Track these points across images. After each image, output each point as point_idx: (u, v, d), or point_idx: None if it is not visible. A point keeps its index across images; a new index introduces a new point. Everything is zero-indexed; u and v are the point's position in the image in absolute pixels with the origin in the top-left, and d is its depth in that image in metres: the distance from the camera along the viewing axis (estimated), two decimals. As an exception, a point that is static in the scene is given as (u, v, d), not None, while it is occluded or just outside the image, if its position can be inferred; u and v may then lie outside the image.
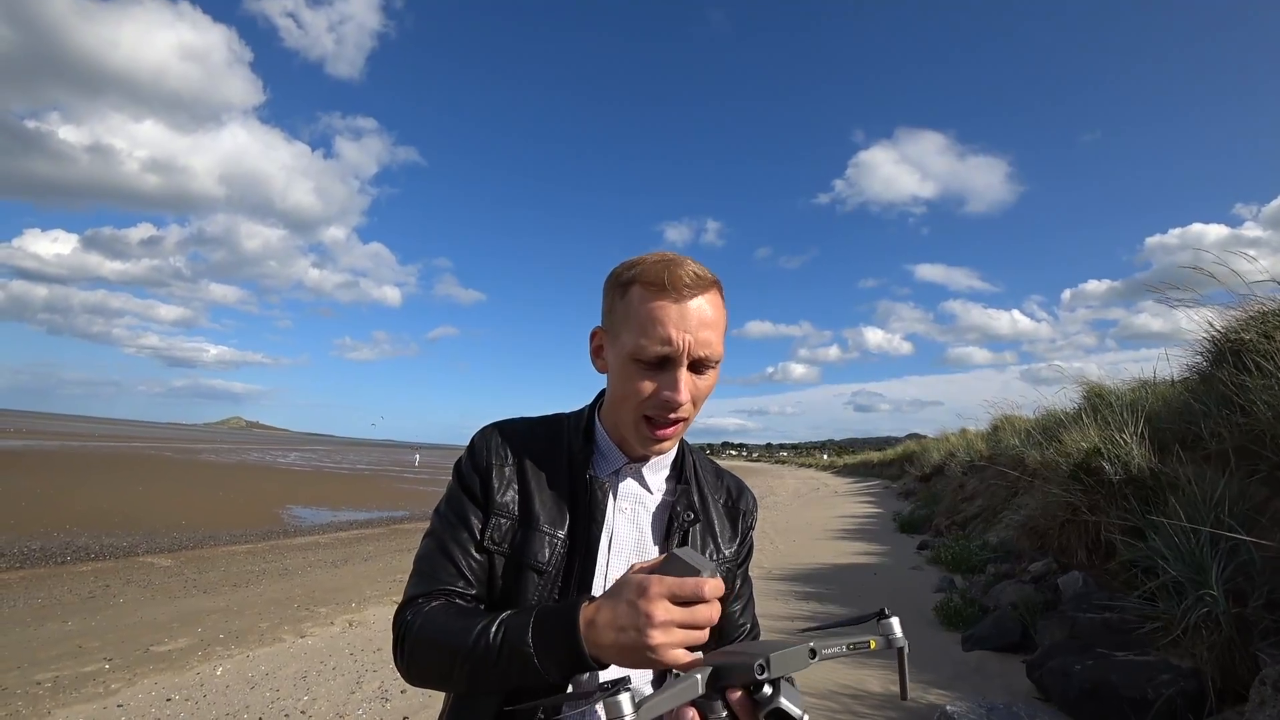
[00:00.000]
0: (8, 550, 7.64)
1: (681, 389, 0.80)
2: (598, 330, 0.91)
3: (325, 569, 7.70)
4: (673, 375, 0.80)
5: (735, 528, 1.00)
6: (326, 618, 5.38)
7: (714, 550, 0.95)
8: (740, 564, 1.01)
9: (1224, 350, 4.27)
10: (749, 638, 1.01)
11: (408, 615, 0.80)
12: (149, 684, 3.77)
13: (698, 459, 1.02)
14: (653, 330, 0.79)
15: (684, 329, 0.79)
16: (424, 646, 0.77)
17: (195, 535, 9.66)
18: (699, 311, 0.80)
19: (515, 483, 0.89)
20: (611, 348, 0.87)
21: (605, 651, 0.66)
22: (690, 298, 0.80)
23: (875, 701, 3.34)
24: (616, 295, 0.85)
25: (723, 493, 1.02)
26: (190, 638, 4.72)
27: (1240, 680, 2.56)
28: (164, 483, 17.05)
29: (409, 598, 0.84)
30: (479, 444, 0.92)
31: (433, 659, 0.76)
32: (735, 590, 0.99)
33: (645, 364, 0.81)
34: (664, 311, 0.79)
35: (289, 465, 29.78)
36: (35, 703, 3.45)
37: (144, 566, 7.40)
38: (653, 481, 0.93)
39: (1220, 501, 3.13)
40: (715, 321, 0.82)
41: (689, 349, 0.79)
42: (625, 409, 0.85)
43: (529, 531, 0.86)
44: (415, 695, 3.65)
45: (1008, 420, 10.10)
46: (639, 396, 0.82)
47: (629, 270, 0.84)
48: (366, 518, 13.46)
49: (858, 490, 23.34)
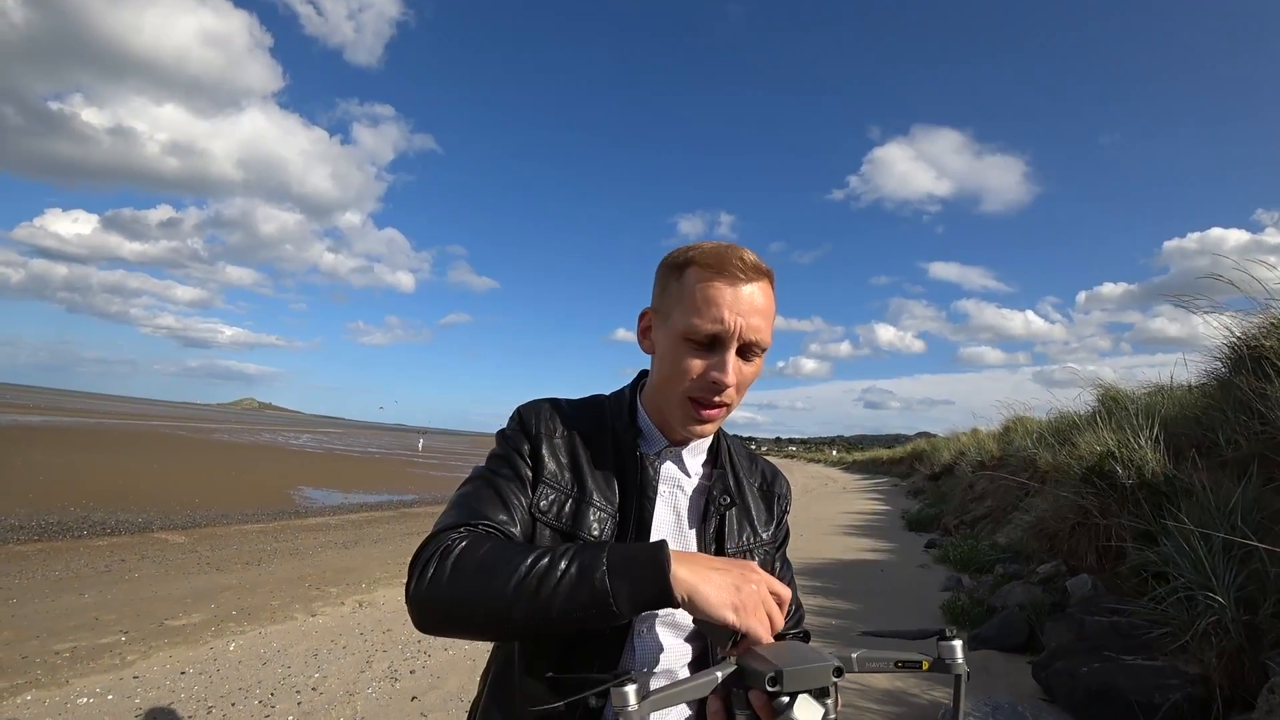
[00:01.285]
0: (26, 523, 7.79)
1: (729, 370, 0.81)
2: (647, 311, 0.92)
3: (336, 550, 7.79)
4: (722, 357, 0.82)
5: (771, 511, 1.02)
6: (337, 598, 5.46)
7: (750, 534, 0.96)
8: (779, 547, 1.03)
9: (1244, 357, 4.22)
10: (793, 620, 1.01)
11: (449, 538, 0.74)
12: (164, 657, 3.85)
13: (732, 445, 1.03)
14: (707, 310, 0.81)
15: (737, 311, 0.80)
16: (467, 566, 0.70)
17: (209, 514, 9.81)
18: (751, 297, 0.82)
19: (566, 455, 0.90)
20: (662, 328, 0.88)
21: (696, 574, 0.68)
22: (745, 283, 0.82)
23: (879, 696, 3.36)
24: (671, 276, 0.87)
25: (757, 476, 1.04)
26: (204, 613, 4.81)
27: (1248, 688, 2.55)
28: (178, 461, 17.30)
29: (445, 525, 0.77)
30: (527, 413, 0.92)
31: (475, 580, 0.69)
32: (776, 573, 1.00)
33: (696, 343, 0.82)
34: (719, 293, 0.81)
35: (301, 447, 30.11)
36: (54, 672, 3.54)
37: (158, 543, 7.53)
38: (690, 465, 0.94)
39: (1235, 508, 3.10)
40: (766, 310, 0.84)
41: (740, 331, 0.81)
42: (672, 389, 0.85)
43: (582, 505, 0.86)
44: (424, 675, 3.70)
45: (1020, 421, 10.03)
46: (688, 376, 0.83)
47: (686, 253, 0.86)
48: (377, 500, 13.60)
49: (866, 487, 23.30)
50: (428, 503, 13.76)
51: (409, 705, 3.32)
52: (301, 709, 3.22)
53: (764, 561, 0.96)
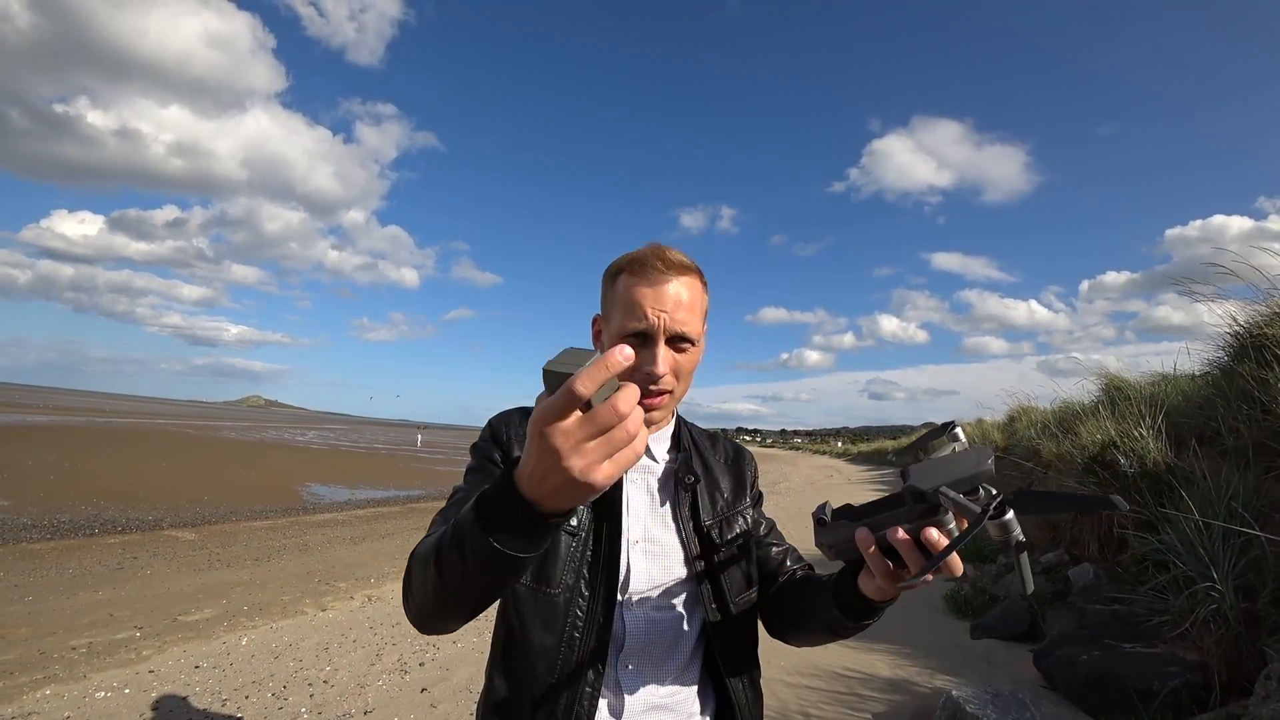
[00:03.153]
0: (39, 522, 7.89)
1: (659, 362, 0.90)
2: (597, 317, 1.03)
3: (344, 545, 7.87)
4: (651, 351, 0.91)
5: (740, 479, 1.10)
6: (346, 592, 5.52)
7: (724, 503, 1.04)
8: (756, 506, 1.11)
9: (1246, 345, 4.22)
10: (793, 560, 1.10)
11: (411, 561, 0.79)
12: (178, 651, 3.92)
13: (694, 430, 1.12)
14: (632, 311, 0.91)
15: (660, 308, 0.90)
16: (413, 565, 0.76)
17: (218, 510, 9.90)
18: (675, 294, 0.91)
19: None
20: (606, 331, 0.98)
21: (550, 499, 0.55)
22: (666, 281, 0.91)
23: (881, 684, 3.40)
24: (608, 284, 0.98)
25: (721, 453, 1.13)
26: (216, 609, 4.88)
27: (1246, 675, 2.58)
28: (186, 459, 17.43)
29: (414, 550, 0.82)
30: (497, 424, 1.00)
31: (417, 578, 0.73)
32: (762, 529, 1.10)
33: (630, 342, 0.87)
34: (642, 294, 0.91)
35: (307, 443, 30.27)
36: (72, 667, 3.61)
37: (169, 540, 7.61)
38: (657, 452, 1.03)
39: (1234, 496, 3.13)
40: (691, 304, 0.93)
41: (665, 325, 0.90)
42: None
43: None
44: (433, 667, 3.76)
45: (1024, 411, 10.02)
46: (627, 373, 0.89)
47: (619, 262, 0.97)
48: (383, 496, 13.68)
49: (872, 478, 23.31)
50: (433, 498, 13.84)
51: (419, 696, 3.38)
52: (313, 701, 3.28)
53: (745, 521, 1.05)
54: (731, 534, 1.01)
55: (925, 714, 2.98)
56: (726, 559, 0.99)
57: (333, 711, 3.18)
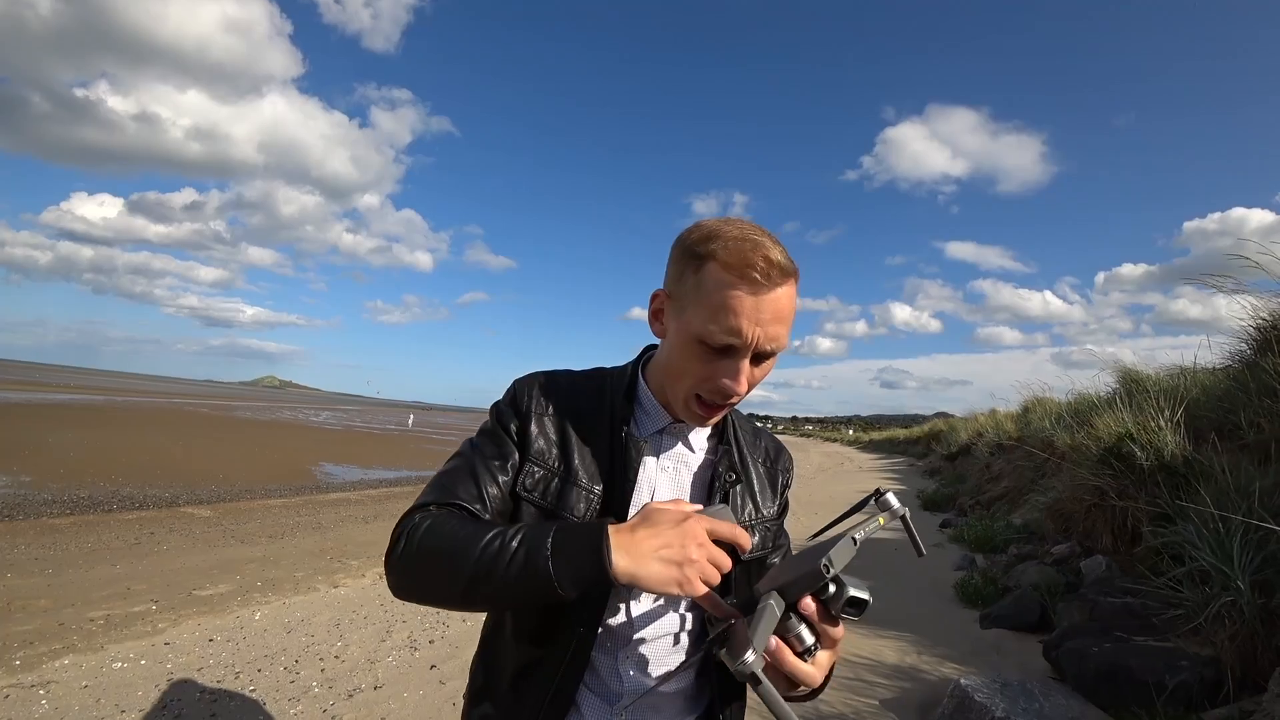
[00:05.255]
0: (59, 497, 8.04)
1: (742, 380, 0.79)
2: (659, 293, 0.87)
3: (356, 524, 7.96)
4: (735, 365, 0.78)
5: (775, 487, 1.02)
6: (358, 570, 5.59)
7: (754, 510, 0.96)
8: (778, 518, 1.03)
9: (1270, 338, 4.14)
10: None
11: (415, 517, 0.79)
12: (193, 625, 3.99)
13: (737, 419, 1.01)
14: (724, 319, 0.75)
15: (757, 322, 0.75)
16: (429, 545, 0.75)
17: (233, 488, 10.04)
18: (774, 305, 0.76)
19: (555, 433, 0.89)
20: (675, 319, 0.83)
21: (636, 562, 0.68)
22: (769, 290, 0.75)
23: (888, 671, 3.40)
24: (689, 267, 0.80)
25: (761, 453, 1.03)
26: (230, 584, 4.95)
27: (1260, 671, 2.55)
28: (202, 438, 17.68)
29: (419, 504, 0.83)
30: (520, 389, 0.92)
31: (435, 558, 0.74)
32: (775, 543, 1.01)
33: (709, 348, 0.78)
34: (739, 302, 0.75)
35: (321, 424, 30.59)
36: (90, 638, 3.68)
37: (185, 516, 7.73)
38: (695, 441, 0.94)
39: (1254, 491, 3.07)
40: (788, 315, 0.79)
41: (757, 342, 0.76)
42: (680, 384, 0.83)
43: (566, 484, 0.86)
44: (442, 645, 3.80)
45: (1039, 402, 9.92)
46: (696, 376, 0.81)
47: (708, 242, 0.78)
48: (395, 476, 13.82)
49: (883, 466, 23.24)
50: (445, 479, 13.96)
51: (428, 673, 3.42)
52: (325, 675, 3.33)
53: (764, 537, 0.97)
54: (751, 544, 0.88)
55: (933, 702, 2.97)
56: (740, 571, 0.89)
57: (343, 686, 3.23)
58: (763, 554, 0.97)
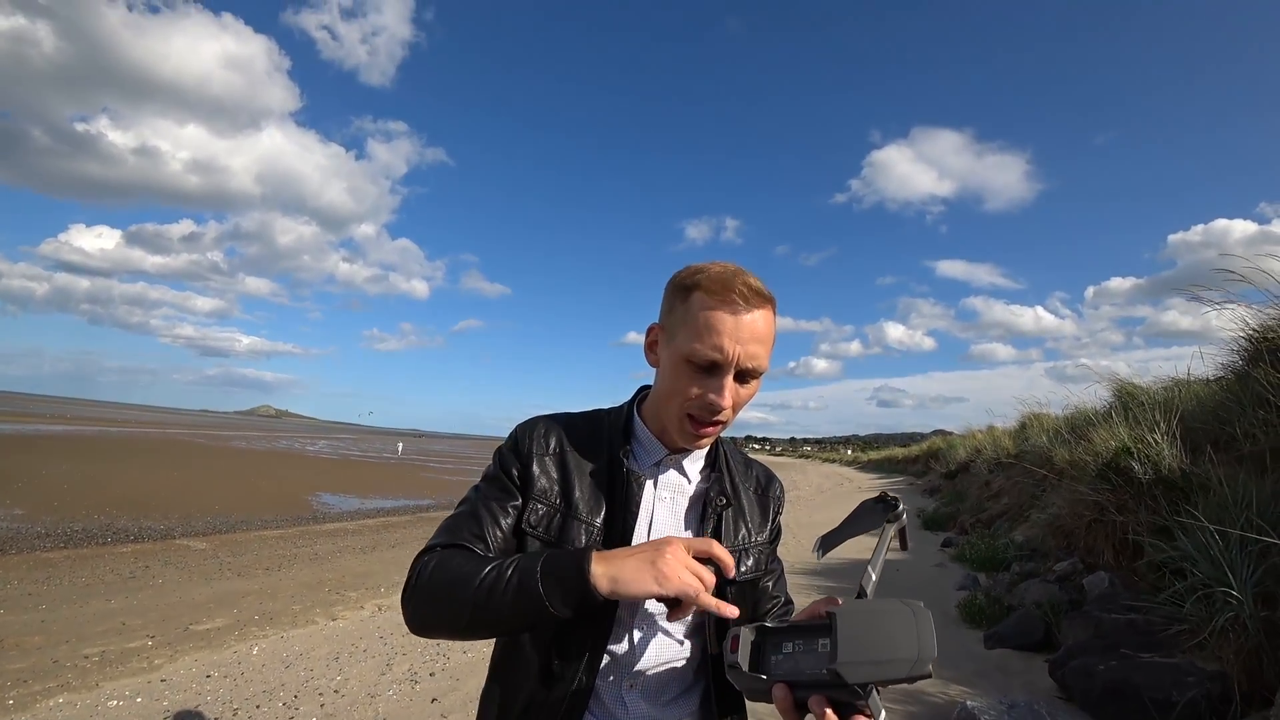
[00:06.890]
0: (53, 531, 7.96)
1: (726, 395, 0.87)
2: (654, 327, 0.97)
3: (354, 555, 7.89)
4: (720, 381, 0.86)
5: (765, 513, 1.07)
6: (356, 602, 5.53)
7: (746, 534, 1.02)
8: (770, 543, 1.08)
9: (1261, 349, 4.17)
10: (782, 609, 1.08)
11: (425, 558, 0.87)
12: (189, 660, 3.93)
13: (729, 450, 1.08)
14: (708, 337, 0.85)
15: (737, 340, 0.85)
16: (436, 579, 0.83)
17: (229, 520, 9.95)
18: (752, 325, 0.86)
19: (556, 471, 0.95)
20: (666, 346, 0.92)
21: (613, 566, 0.75)
22: (747, 311, 0.86)
23: (893, 694, 3.36)
24: (678, 298, 0.90)
25: (752, 481, 1.09)
26: (227, 618, 4.89)
27: (1267, 685, 2.53)
28: (198, 468, 17.54)
29: (428, 546, 0.91)
30: (521, 433, 0.99)
31: (441, 591, 0.82)
32: (767, 568, 1.06)
33: (696, 367, 0.87)
34: (721, 322, 0.85)
35: (317, 453, 30.41)
36: (84, 675, 3.62)
37: (181, 549, 7.66)
38: (690, 471, 1.01)
39: (1252, 503, 3.08)
40: (766, 337, 0.88)
41: (738, 359, 0.85)
42: (672, 405, 0.91)
43: (568, 519, 0.92)
44: (443, 677, 3.75)
45: (1036, 418, 9.94)
46: (685, 395, 0.89)
47: (693, 276, 0.89)
48: (393, 505, 13.72)
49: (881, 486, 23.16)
50: (443, 507, 13.86)
51: (429, 707, 3.37)
52: (324, 710, 3.28)
53: (758, 560, 1.03)
54: (744, 567, 0.99)
55: (939, 724, 2.94)
56: (735, 592, 0.96)
57: (343, 721, 3.18)
58: (755, 576, 1.02)
